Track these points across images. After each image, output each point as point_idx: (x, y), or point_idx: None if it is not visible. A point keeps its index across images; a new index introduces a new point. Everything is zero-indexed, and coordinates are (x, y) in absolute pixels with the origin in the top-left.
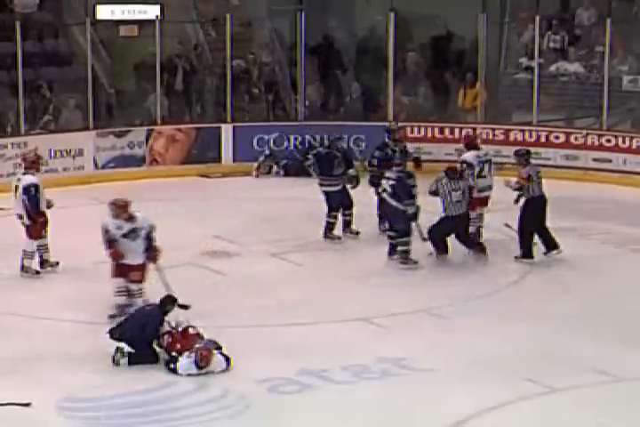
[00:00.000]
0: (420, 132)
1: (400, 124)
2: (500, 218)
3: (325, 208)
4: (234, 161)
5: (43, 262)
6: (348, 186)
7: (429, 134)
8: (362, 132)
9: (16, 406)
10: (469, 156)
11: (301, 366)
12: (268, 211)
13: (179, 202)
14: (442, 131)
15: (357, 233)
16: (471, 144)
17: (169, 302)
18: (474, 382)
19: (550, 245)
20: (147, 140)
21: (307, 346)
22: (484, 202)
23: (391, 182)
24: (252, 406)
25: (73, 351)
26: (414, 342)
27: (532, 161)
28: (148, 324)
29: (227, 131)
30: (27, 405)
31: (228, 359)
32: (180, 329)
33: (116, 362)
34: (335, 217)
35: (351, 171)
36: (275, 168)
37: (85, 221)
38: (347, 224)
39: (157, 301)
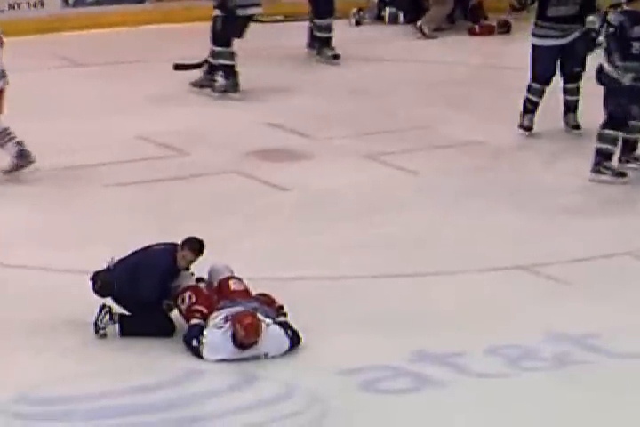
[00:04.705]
0: None
1: None
2: None
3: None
4: None
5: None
6: None
7: None
8: None
9: None
10: None
11: (419, 346)
12: (363, 80)
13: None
14: None
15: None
16: None
17: (193, 247)
18: None
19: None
20: None
21: (426, 313)
22: None
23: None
24: (332, 416)
25: (28, 316)
26: (611, 306)
27: None
28: (147, 270)
29: None
30: None
31: (293, 335)
32: (215, 282)
33: (99, 332)
34: None
35: None
36: (387, 10)
37: (55, 95)
38: None
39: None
